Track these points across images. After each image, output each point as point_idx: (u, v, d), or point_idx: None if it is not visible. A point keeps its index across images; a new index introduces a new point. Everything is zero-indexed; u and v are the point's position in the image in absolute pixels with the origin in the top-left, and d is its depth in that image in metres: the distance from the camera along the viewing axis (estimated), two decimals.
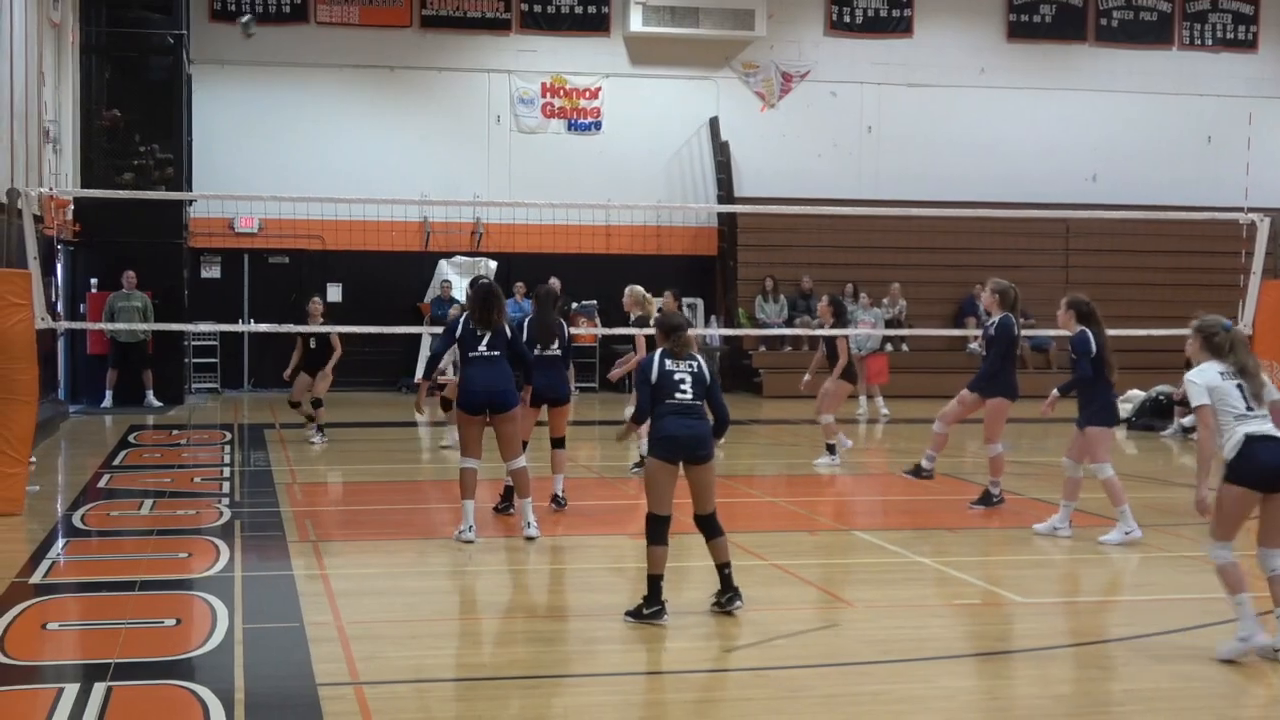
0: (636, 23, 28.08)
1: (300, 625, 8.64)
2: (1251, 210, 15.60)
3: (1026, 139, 29.58)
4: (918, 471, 13.86)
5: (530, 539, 11.44)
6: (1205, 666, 7.97)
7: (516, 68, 28.36)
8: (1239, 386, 8.18)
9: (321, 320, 18.60)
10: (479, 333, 11.57)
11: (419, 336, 26.22)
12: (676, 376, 8.97)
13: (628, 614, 8.85)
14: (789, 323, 27.11)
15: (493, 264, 27.29)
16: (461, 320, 11.74)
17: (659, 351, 9.10)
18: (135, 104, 24.78)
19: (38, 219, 17.31)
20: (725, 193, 28.03)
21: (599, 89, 28.55)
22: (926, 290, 28.00)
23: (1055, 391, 12.66)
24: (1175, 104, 30.20)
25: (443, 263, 27.20)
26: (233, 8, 27.18)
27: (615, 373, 16.45)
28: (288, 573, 10.27)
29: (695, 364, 9.05)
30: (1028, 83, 29.83)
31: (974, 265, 28.23)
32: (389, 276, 26.79)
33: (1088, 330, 12.37)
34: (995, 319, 13.52)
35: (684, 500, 9.13)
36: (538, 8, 28.32)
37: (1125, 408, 22.43)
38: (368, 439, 20.01)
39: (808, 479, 16.28)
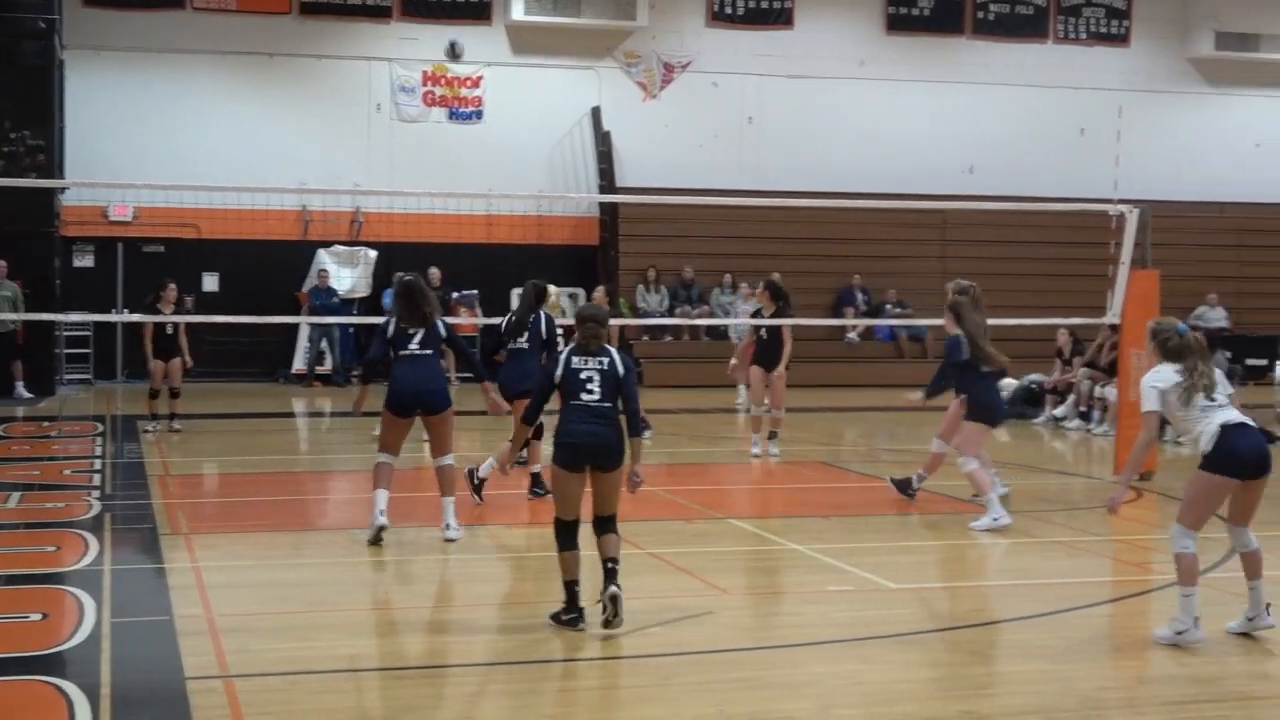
0: (519, 11, 27.99)
1: (170, 619, 8.54)
2: (1121, 202, 15.86)
3: (905, 131, 29.89)
4: (905, 486, 13.38)
5: (450, 540, 10.98)
6: (1071, 650, 8.12)
7: (397, 56, 28.14)
8: (1195, 382, 8.23)
9: (174, 308, 18.29)
10: (410, 331, 11.07)
11: (296, 326, 26.03)
12: (583, 375, 8.42)
13: (550, 617, 8.51)
14: (670, 313, 27.22)
15: (372, 253, 27.10)
16: (391, 321, 11.21)
17: (568, 348, 8.63)
18: (5, 90, 24.20)
19: None
20: (607, 183, 28.04)
21: (480, 78, 28.42)
22: (806, 280, 28.14)
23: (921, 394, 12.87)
24: (1050, 97, 30.67)
25: (321, 252, 26.96)
26: None
27: None
28: (158, 565, 10.14)
29: (606, 360, 8.48)
30: (907, 75, 30.14)
31: (853, 256, 28.55)
32: (267, 266, 26.49)
33: (961, 337, 12.56)
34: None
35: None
36: None
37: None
38: (244, 430, 19.79)
39: (688, 468, 16.36)
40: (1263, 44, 31.27)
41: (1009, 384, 22.74)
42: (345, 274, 26.96)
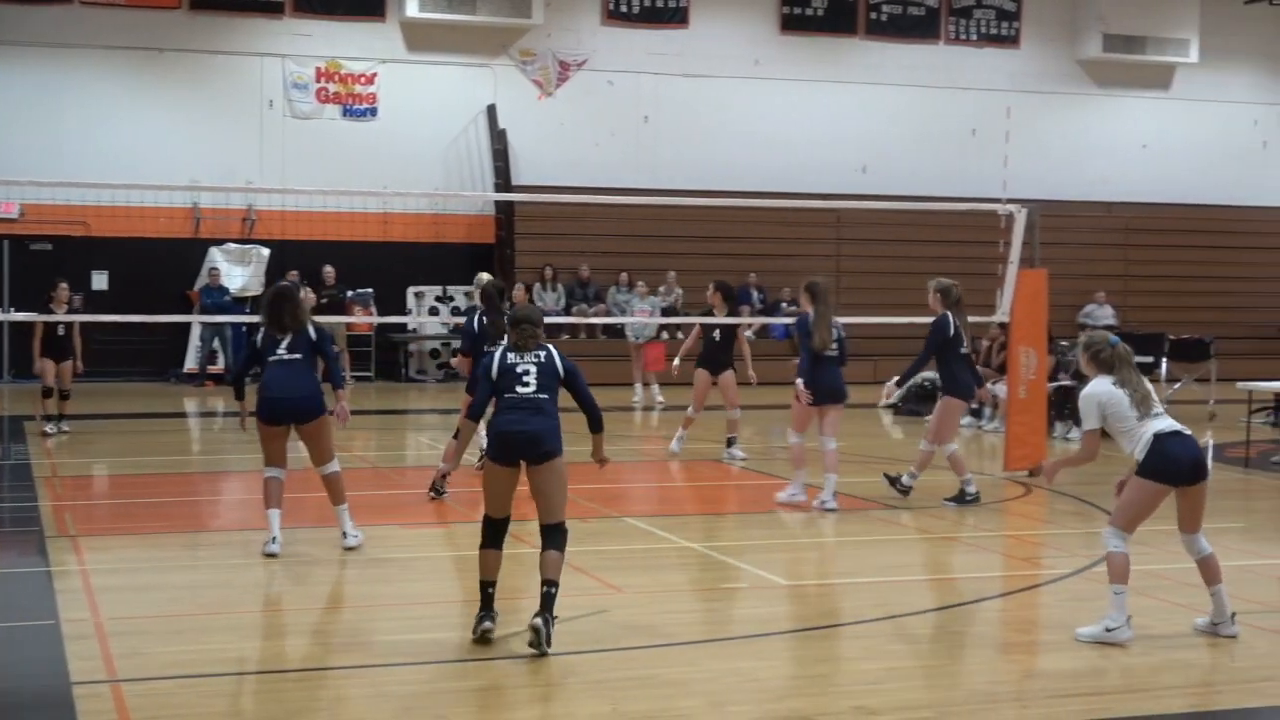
0: (413, 8, 27.83)
1: (55, 623, 8.40)
2: (1010, 201, 16.08)
3: (799, 130, 30.10)
4: (895, 481, 13.46)
5: (350, 549, 10.71)
6: (961, 644, 8.22)
7: (290, 52, 27.88)
8: (1130, 394, 8.38)
9: (66, 309, 17.99)
10: (278, 336, 10.72)
11: (188, 325, 25.72)
12: (519, 369, 8.39)
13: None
14: (567, 311, 27.19)
15: (265, 251, 26.83)
16: (261, 332, 10.94)
17: (502, 346, 8.61)
18: None
19: None
20: (503, 181, 27.97)
21: (375, 75, 28.24)
22: (703, 279, 28.14)
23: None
24: (941, 97, 31.02)
25: (213, 250, 26.65)
26: None
27: None
28: (43, 569, 9.98)
29: (543, 354, 8.48)
30: (800, 75, 30.35)
31: (748, 254, 28.69)
32: (157, 264, 26.15)
33: (810, 313, 13.42)
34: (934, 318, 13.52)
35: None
36: None
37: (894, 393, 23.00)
38: (135, 430, 19.52)
39: (583, 466, 16.34)
40: (1149, 46, 31.83)
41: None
42: (237, 272, 26.67)
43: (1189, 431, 8.39)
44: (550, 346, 8.56)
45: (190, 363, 26.37)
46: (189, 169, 25.69)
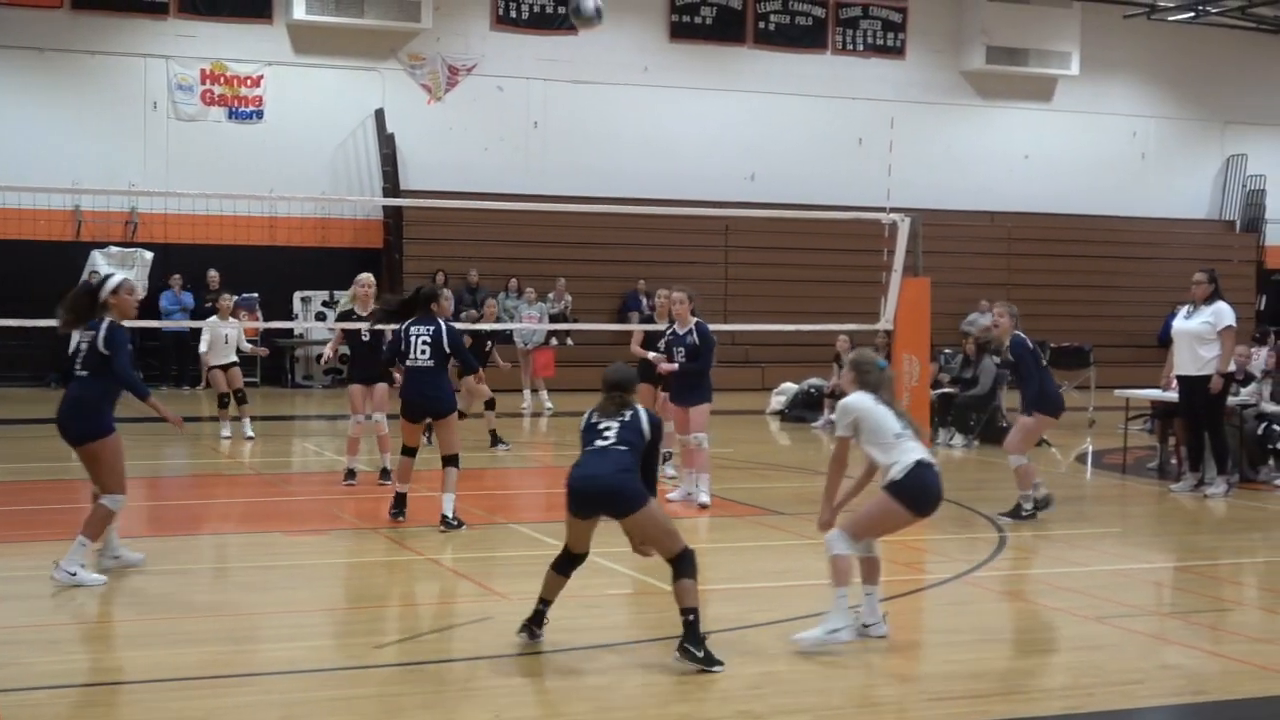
0: (300, 11, 27.63)
1: None
2: (894, 210, 16.31)
3: (689, 138, 30.25)
4: (1017, 513, 13.04)
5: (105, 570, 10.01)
6: (841, 649, 8.30)
7: (175, 53, 27.56)
8: (889, 411, 8.56)
9: None
10: (81, 344, 9.99)
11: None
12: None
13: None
14: (456, 317, 27.04)
15: (149, 255, 26.47)
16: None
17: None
18: None
19: None
20: (391, 185, 27.83)
21: (261, 77, 27.99)
22: (592, 285, 28.39)
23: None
24: (829, 107, 31.32)
25: (95, 253, 26.24)
26: None
27: None
28: None
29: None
30: (689, 82, 30.51)
31: (638, 261, 28.80)
32: (38, 267, 25.66)
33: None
34: (1005, 342, 13.44)
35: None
36: None
37: (779, 400, 23.23)
38: (14, 436, 19.18)
39: (468, 472, 16.30)
40: (1031, 59, 32.38)
41: (788, 388, 23.21)
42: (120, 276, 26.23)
43: (938, 466, 8.57)
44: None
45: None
46: (71, 171, 25.32)
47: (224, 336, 18.70)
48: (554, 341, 25.54)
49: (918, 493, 8.35)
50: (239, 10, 27.82)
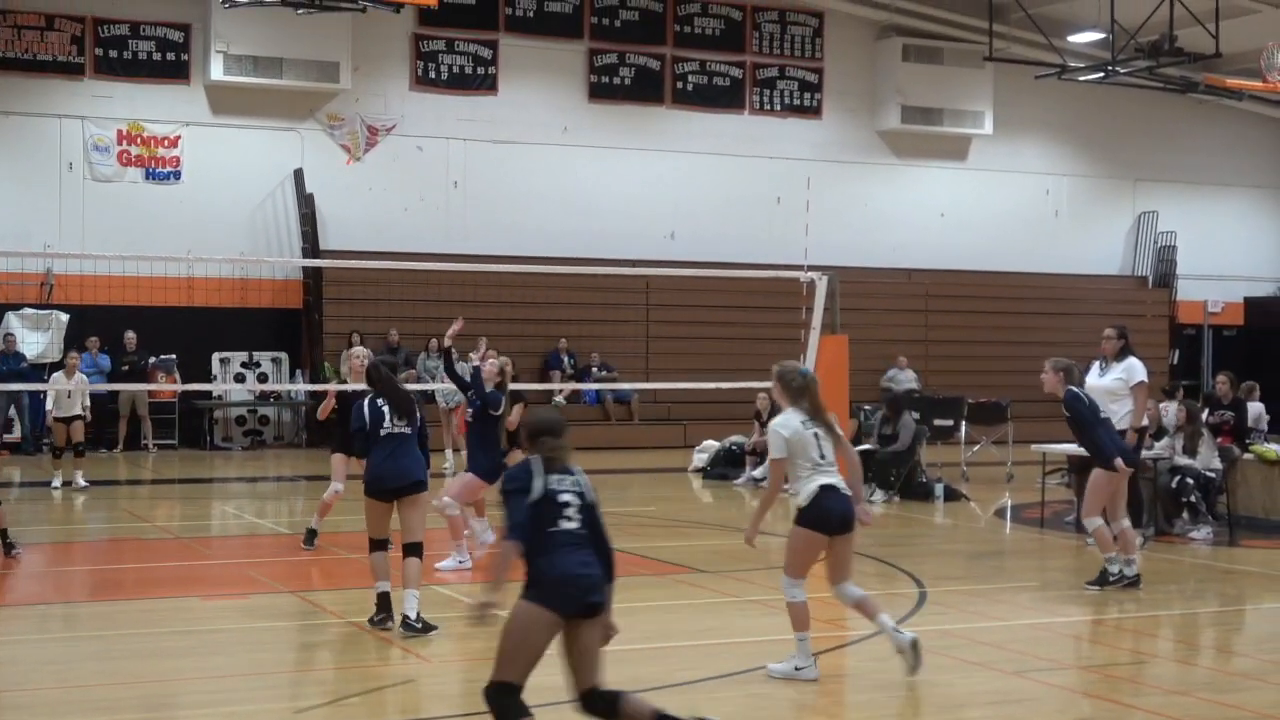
0: (218, 72, 27.54)
1: None
2: (811, 269, 16.46)
3: (609, 196, 30.39)
4: (1104, 579, 12.51)
5: None
6: (770, 705, 8.33)
7: (91, 114, 27.38)
8: (816, 435, 8.94)
9: None
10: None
11: None
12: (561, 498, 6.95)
13: None
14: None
15: (65, 317, 26.19)
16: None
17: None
18: None
19: None
20: (310, 245, 27.73)
21: (179, 137, 27.86)
22: (514, 344, 28.19)
23: None
24: (747, 166, 31.57)
25: (9, 315, 25.94)
26: None
27: None
28: None
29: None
30: (609, 142, 30.68)
31: (560, 320, 28.81)
32: None
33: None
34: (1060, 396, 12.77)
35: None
36: (113, 53, 27.44)
37: (700, 457, 23.30)
38: None
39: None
40: (945, 118, 32.82)
41: (710, 445, 23.29)
42: (35, 338, 26.00)
43: (845, 489, 8.99)
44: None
45: None
46: None
47: (67, 393, 20.15)
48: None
49: (820, 515, 8.90)
50: (156, 71, 27.69)
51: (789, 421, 9.01)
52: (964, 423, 23.15)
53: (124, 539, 15.61)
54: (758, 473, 21.44)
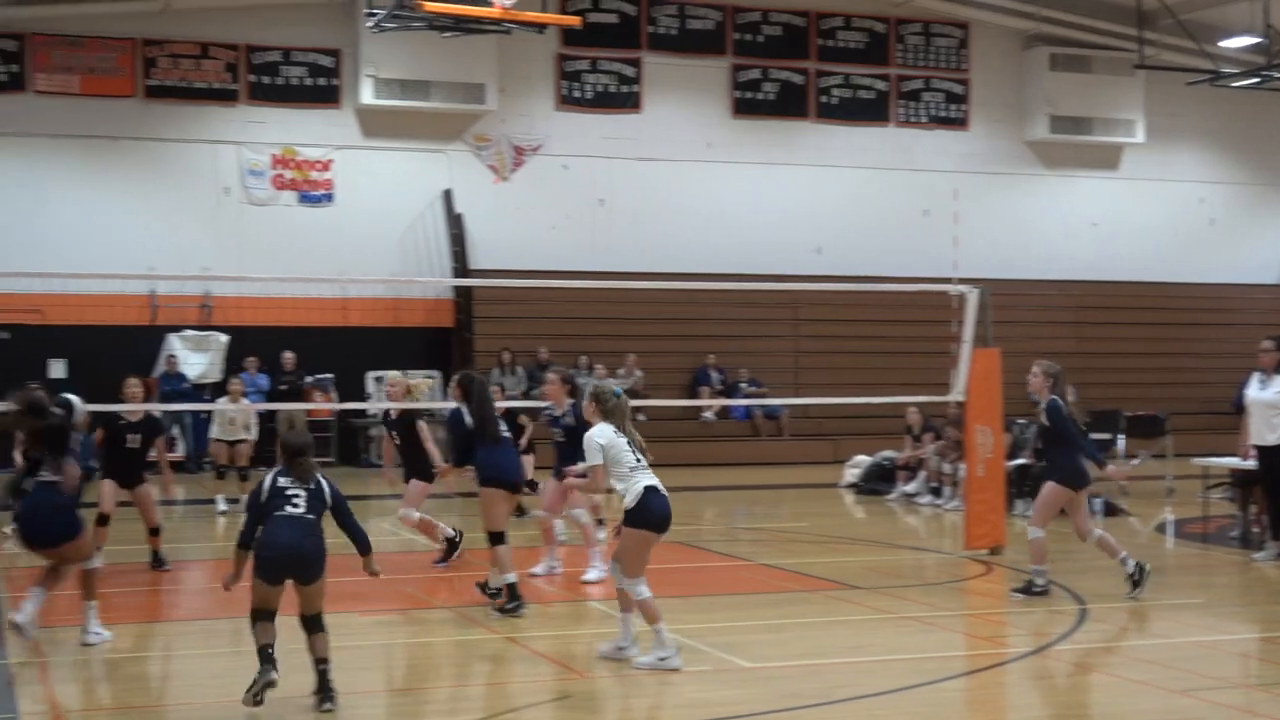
0: (368, 95, 28.01)
1: (14, 715, 8.33)
2: (961, 281, 16.24)
3: (754, 212, 30.34)
4: (1029, 589, 12.54)
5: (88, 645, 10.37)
6: None
7: (245, 139, 27.99)
8: (629, 442, 9.70)
9: None
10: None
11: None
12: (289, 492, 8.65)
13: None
14: (527, 395, 27.18)
15: (224, 338, 26.78)
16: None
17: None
18: None
19: None
20: (460, 265, 28.06)
21: (330, 161, 28.37)
22: (661, 360, 28.43)
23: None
24: (893, 179, 31.35)
25: (171, 337, 26.59)
26: None
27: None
28: (2, 661, 9.88)
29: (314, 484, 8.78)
30: (753, 157, 30.64)
31: (707, 336, 28.83)
32: (115, 351, 25.99)
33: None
34: (1042, 402, 12.70)
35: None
36: (266, 79, 28.05)
37: (852, 472, 23.14)
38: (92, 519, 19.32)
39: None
40: (1095, 127, 32.32)
41: (861, 460, 23.13)
42: (196, 359, 26.60)
43: (665, 491, 9.69)
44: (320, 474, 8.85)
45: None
46: (146, 256, 25.69)
47: (230, 419, 20.39)
48: None
49: (647, 514, 9.56)
50: (307, 96, 28.26)
51: (604, 431, 9.72)
52: (1122, 436, 22.70)
53: (410, 554, 15.83)
54: (910, 487, 21.25)
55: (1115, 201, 33.03)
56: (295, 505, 8.53)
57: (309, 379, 26.56)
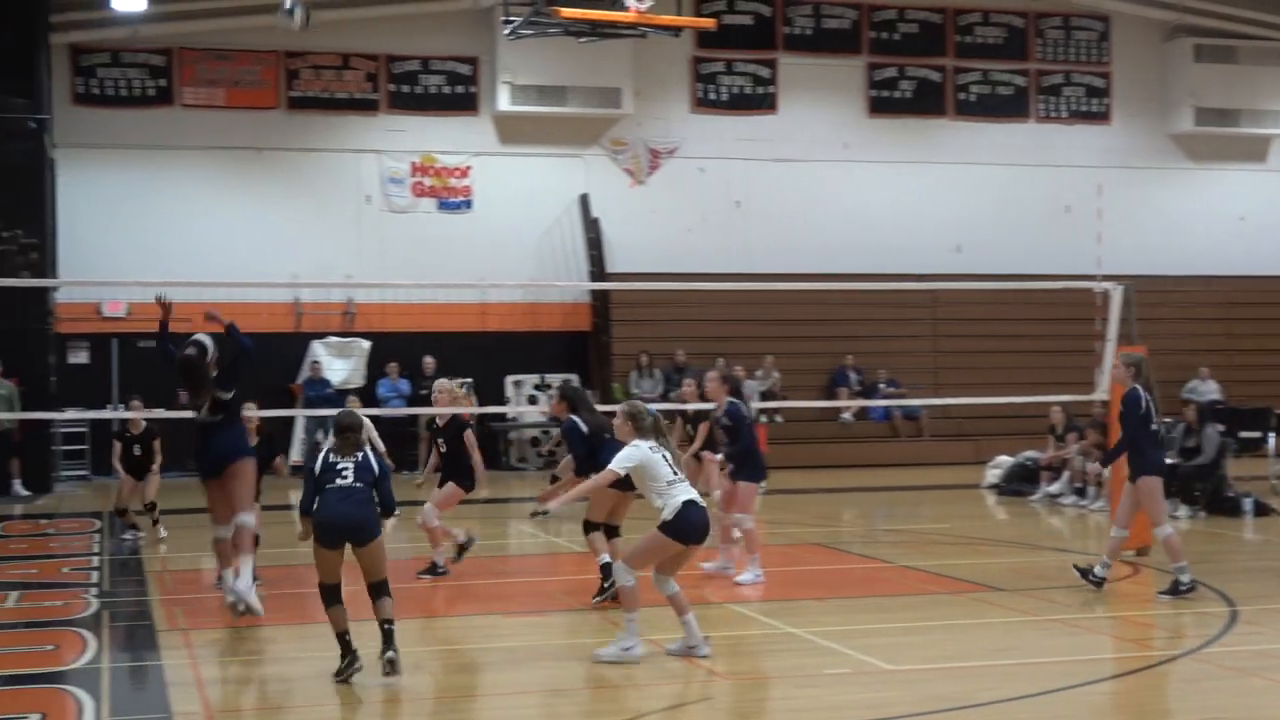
0: (504, 102, 28.25)
1: (168, 716, 8.53)
2: (1105, 278, 16.00)
3: (892, 211, 30.11)
4: (1175, 589, 12.52)
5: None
6: None
7: (386, 147, 28.38)
8: (664, 457, 10.03)
9: (144, 424, 17.51)
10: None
11: (291, 419, 26.05)
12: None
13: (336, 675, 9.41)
14: (664, 397, 27.23)
15: (366, 344, 27.18)
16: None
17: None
18: None
19: None
20: (597, 269, 28.20)
21: (469, 168, 28.66)
22: (799, 361, 28.32)
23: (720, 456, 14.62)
24: (1034, 175, 30.92)
25: (315, 344, 27.04)
26: (96, 92, 26.97)
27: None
28: (156, 663, 10.13)
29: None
30: (890, 156, 30.41)
31: (844, 336, 28.66)
32: (261, 358, 26.28)
33: (738, 401, 13.49)
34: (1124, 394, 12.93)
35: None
36: (405, 88, 28.42)
37: (993, 473, 22.87)
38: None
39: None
40: (1242, 119, 31.62)
41: (1003, 460, 22.86)
42: (339, 365, 27.03)
43: (704, 503, 10.02)
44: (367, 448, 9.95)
45: (295, 455, 26.67)
46: (290, 265, 26.18)
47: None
48: (763, 419, 25.50)
49: (685, 528, 9.83)
50: (446, 104, 28.57)
51: (640, 447, 10.04)
52: (1272, 435, 22.19)
53: (424, 558, 16.02)
54: (1053, 488, 20.95)
55: (1264, 194, 32.25)
56: (344, 477, 9.65)
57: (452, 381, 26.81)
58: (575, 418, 12.51)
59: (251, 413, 12.26)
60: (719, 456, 15.44)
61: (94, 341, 26.64)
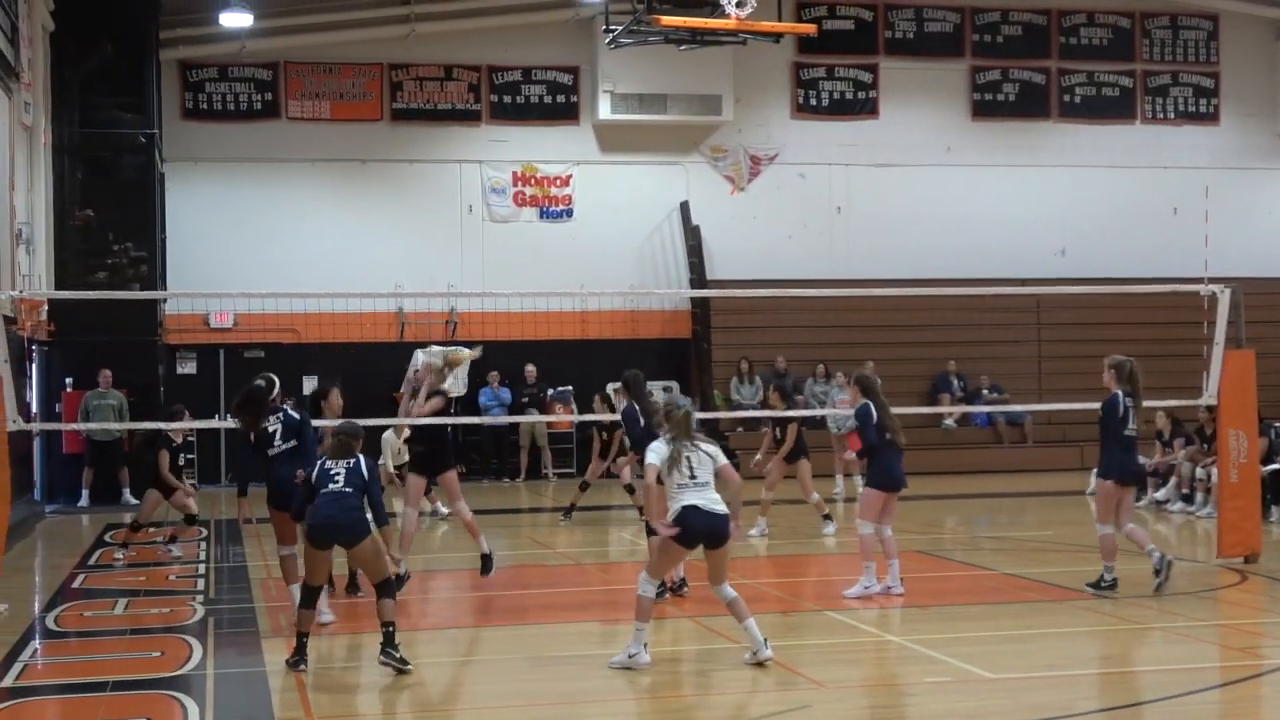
0: (605, 111, 28.36)
1: None
2: (1213, 281, 15.74)
3: (995, 215, 29.85)
4: (1099, 585, 12.99)
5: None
6: None
7: (487, 158, 28.60)
8: (687, 458, 10.04)
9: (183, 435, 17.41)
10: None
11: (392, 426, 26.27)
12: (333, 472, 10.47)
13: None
14: (765, 404, 27.17)
15: (465, 352, 27.28)
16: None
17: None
18: (108, 203, 24.86)
19: (9, 320, 17.39)
20: (697, 276, 28.21)
21: (570, 176, 28.80)
22: (900, 368, 28.11)
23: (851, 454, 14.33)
24: (1140, 177, 30.53)
25: (418, 353, 27.11)
26: (204, 106, 27.44)
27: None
28: (260, 669, 10.27)
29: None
30: (994, 160, 30.15)
31: (946, 342, 28.44)
32: (364, 367, 26.80)
33: (870, 403, 13.21)
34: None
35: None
36: (507, 99, 28.62)
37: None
38: None
39: (784, 559, 16.34)
40: None
41: None
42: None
43: (718, 509, 9.96)
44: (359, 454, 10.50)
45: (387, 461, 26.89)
46: (392, 274, 26.41)
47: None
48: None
49: (684, 530, 9.92)
50: (547, 114, 28.75)
51: (661, 445, 10.19)
52: None
53: (528, 565, 16.17)
54: (1161, 494, 20.65)
55: None
56: (335, 481, 10.32)
57: (550, 392, 26.98)
58: (634, 404, 13.53)
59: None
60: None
61: (201, 352, 27.10)
